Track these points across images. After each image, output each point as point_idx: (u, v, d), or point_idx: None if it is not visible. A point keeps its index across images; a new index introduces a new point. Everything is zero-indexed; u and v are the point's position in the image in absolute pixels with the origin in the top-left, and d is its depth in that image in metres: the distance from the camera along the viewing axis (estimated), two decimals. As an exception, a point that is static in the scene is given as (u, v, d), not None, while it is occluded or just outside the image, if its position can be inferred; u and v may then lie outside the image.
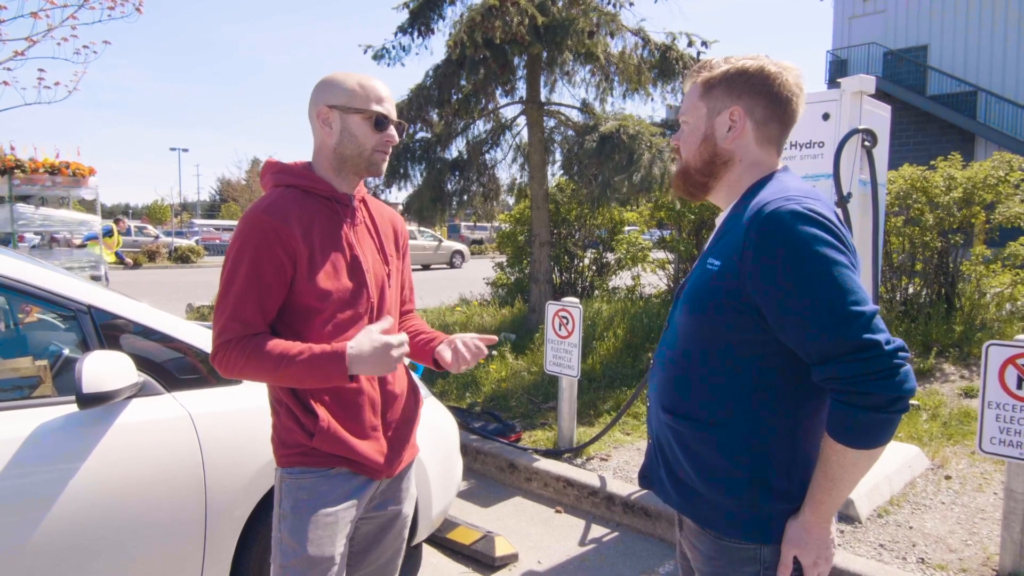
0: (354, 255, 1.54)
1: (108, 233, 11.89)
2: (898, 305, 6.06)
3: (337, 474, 1.53)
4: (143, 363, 2.03)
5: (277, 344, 1.42)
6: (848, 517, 3.09)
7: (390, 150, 1.58)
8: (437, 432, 2.81)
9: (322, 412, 1.49)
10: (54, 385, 2.12)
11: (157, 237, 28.33)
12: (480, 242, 34.15)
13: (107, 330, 2.02)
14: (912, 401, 4.48)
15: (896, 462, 3.51)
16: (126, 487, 1.90)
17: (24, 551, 1.74)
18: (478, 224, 35.23)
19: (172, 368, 2.12)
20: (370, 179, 6.75)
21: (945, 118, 17.93)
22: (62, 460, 1.83)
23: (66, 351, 2.27)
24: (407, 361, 3.68)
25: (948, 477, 3.55)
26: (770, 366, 1.15)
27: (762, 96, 1.21)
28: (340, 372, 1.40)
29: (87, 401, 1.75)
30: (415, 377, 3.15)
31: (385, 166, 1.60)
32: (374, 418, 1.57)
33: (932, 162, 6.03)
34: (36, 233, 8.72)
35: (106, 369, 1.80)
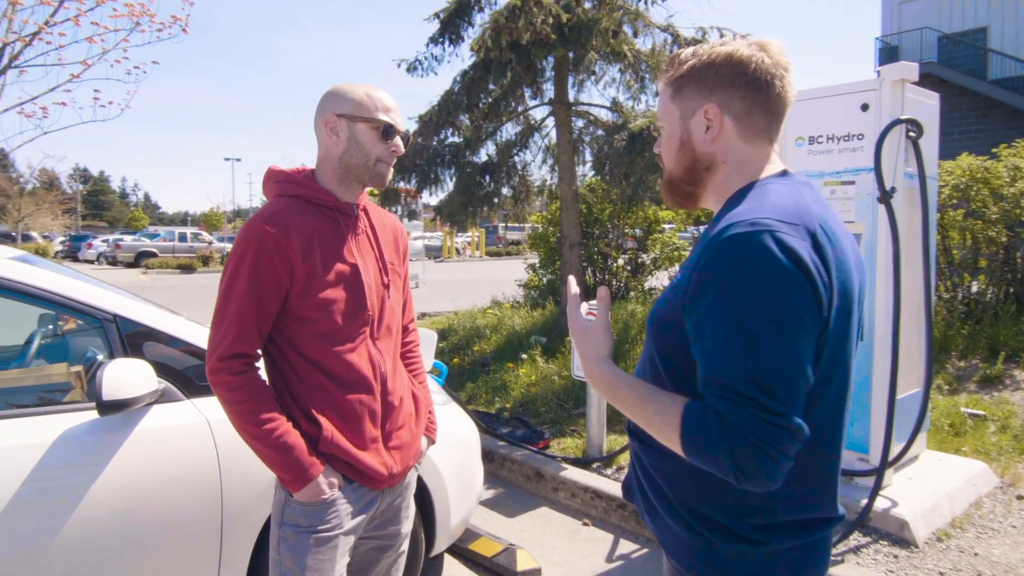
0: (354, 266, 1.53)
1: None
2: (960, 305, 5.68)
3: (338, 497, 1.51)
4: (164, 370, 2.09)
5: (272, 414, 1.44)
6: (903, 541, 2.86)
7: (395, 160, 1.59)
8: (456, 440, 2.74)
9: (325, 422, 1.48)
10: (84, 391, 2.20)
11: (211, 243, 29.99)
12: (518, 243, 34.25)
13: (131, 338, 2.09)
14: (978, 411, 4.17)
15: (959, 479, 3.24)
16: (144, 491, 1.95)
17: (43, 552, 1.80)
18: (512, 225, 35.41)
19: (192, 375, 2.17)
20: (399, 183, 6.76)
21: (1010, 103, 16.89)
22: (83, 464, 1.89)
23: (100, 357, 2.33)
24: (428, 365, 3.61)
25: (1020, 497, 3.25)
26: None
27: (737, 86, 1.07)
28: (294, 480, 1.44)
29: (106, 408, 1.82)
30: (436, 384, 3.10)
31: (389, 177, 1.60)
32: (374, 429, 1.56)
33: (994, 150, 5.63)
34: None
35: (126, 377, 1.85)
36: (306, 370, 1.49)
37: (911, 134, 2.86)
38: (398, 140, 1.56)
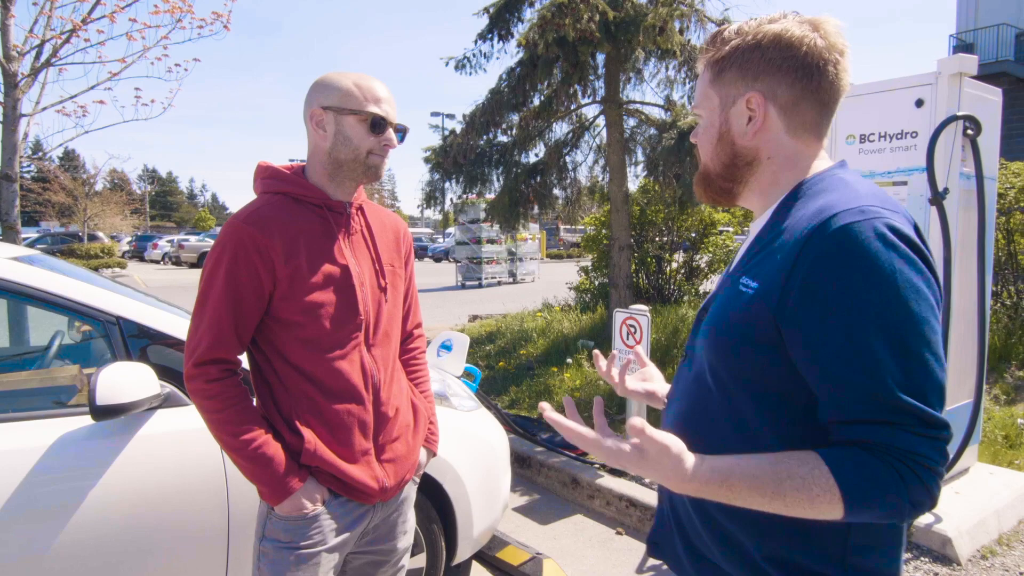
0: (345, 267, 1.43)
1: None
2: (1027, 312, 5.24)
3: (322, 512, 1.44)
4: (169, 374, 2.00)
5: (249, 424, 1.38)
6: (945, 558, 2.68)
7: (388, 153, 1.48)
8: (481, 447, 2.72)
9: (308, 434, 1.41)
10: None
11: None
12: (577, 245, 34.09)
13: (136, 341, 2.01)
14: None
15: (1008, 495, 3.04)
16: (146, 498, 1.88)
17: (37, 560, 1.75)
18: (571, 227, 35.35)
19: None
20: (445, 185, 6.81)
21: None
22: (78, 470, 1.82)
23: (111, 361, 2.36)
24: (459, 370, 3.59)
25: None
26: (815, 420, 0.87)
27: (786, 71, 0.93)
28: (272, 494, 1.38)
29: (100, 413, 1.73)
30: (467, 389, 3.12)
31: (384, 170, 1.50)
32: (365, 441, 1.47)
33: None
34: None
35: (122, 381, 1.77)
36: (291, 378, 1.41)
37: (969, 132, 2.65)
38: (390, 133, 1.44)
